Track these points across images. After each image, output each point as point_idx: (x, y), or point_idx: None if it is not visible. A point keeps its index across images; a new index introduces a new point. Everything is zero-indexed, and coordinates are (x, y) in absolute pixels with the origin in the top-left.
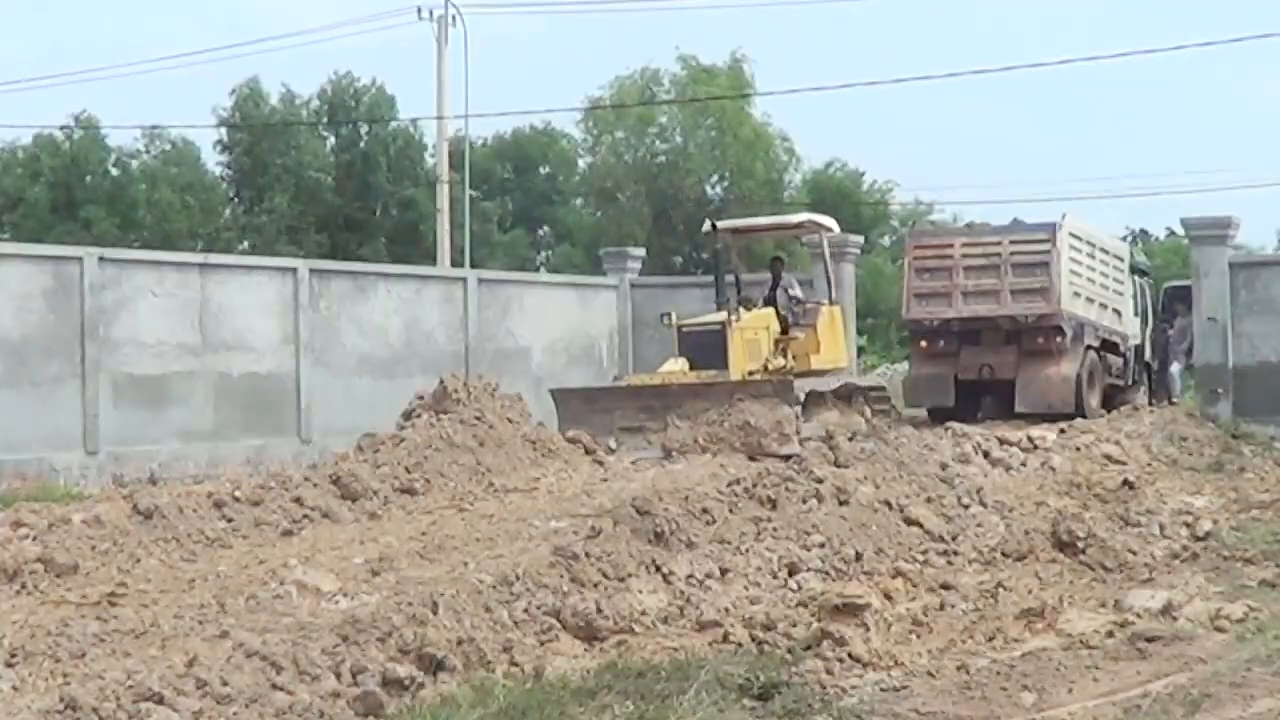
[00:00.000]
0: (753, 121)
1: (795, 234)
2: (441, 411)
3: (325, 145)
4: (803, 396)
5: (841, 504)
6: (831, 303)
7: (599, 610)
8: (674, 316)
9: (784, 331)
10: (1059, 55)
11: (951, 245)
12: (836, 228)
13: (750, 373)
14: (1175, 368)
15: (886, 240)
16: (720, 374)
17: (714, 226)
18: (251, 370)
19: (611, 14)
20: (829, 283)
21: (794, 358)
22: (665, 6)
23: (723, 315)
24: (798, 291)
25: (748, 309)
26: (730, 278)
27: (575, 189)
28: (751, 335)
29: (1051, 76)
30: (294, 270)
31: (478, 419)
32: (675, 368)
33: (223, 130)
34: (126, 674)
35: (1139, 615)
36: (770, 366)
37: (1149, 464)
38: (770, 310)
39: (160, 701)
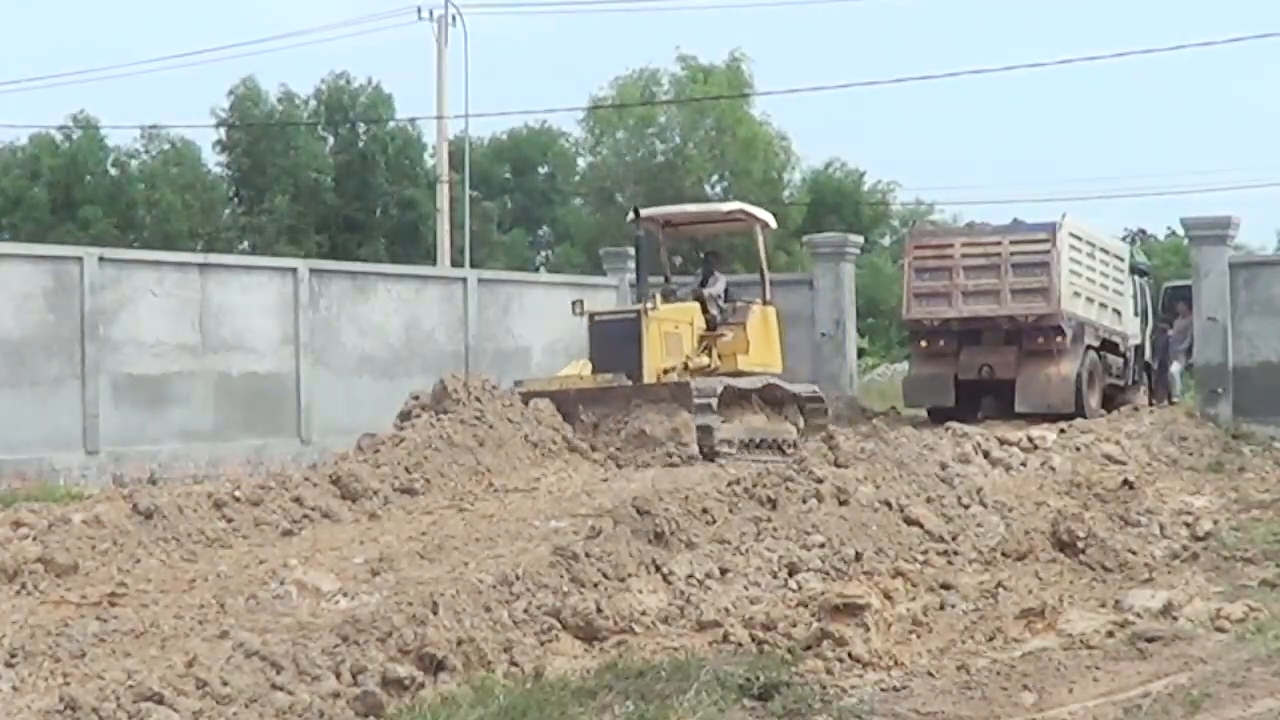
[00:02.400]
0: (751, 121)
1: (727, 226)
2: (441, 411)
3: (325, 145)
4: (718, 391)
5: (841, 504)
6: (766, 302)
7: (599, 610)
8: (585, 304)
9: (711, 328)
10: (1059, 55)
11: (951, 245)
12: (772, 221)
13: (666, 370)
14: (1175, 367)
15: (886, 240)
16: (617, 377)
17: (637, 214)
18: (251, 370)
19: (610, 14)
20: (764, 280)
21: (720, 357)
22: (664, 7)
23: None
24: (719, 288)
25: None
26: (668, 271)
27: (575, 189)
28: (671, 328)
29: (1051, 76)
30: (294, 270)
31: (478, 419)
32: (575, 370)
33: (221, 130)
34: (126, 674)
35: (1139, 615)
36: (691, 365)
37: (1149, 464)
38: (695, 304)
39: (160, 701)
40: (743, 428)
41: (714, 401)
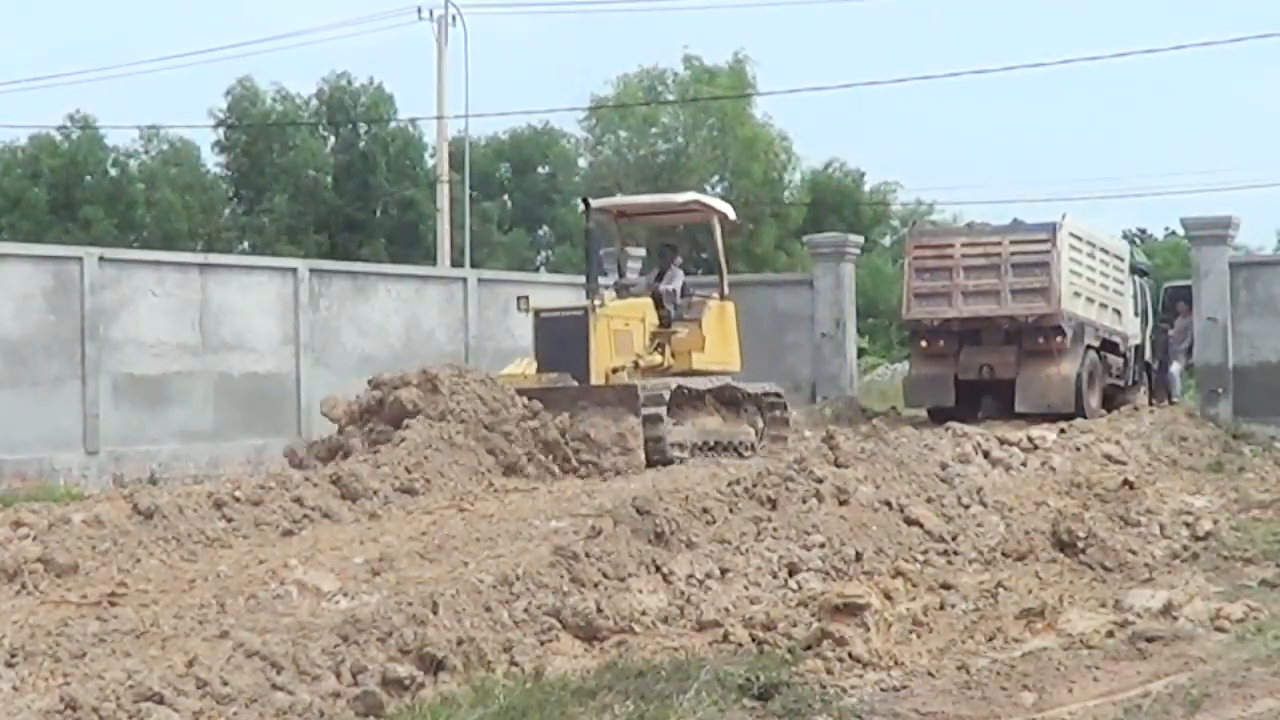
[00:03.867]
0: (753, 122)
1: (684, 217)
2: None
3: (325, 145)
4: (668, 393)
5: (842, 504)
6: (724, 297)
7: (599, 610)
8: (530, 301)
9: (664, 325)
10: (1060, 55)
11: (952, 245)
12: (730, 212)
13: (615, 370)
14: (1175, 367)
15: (887, 240)
16: (561, 378)
17: (586, 205)
18: (252, 370)
19: (611, 14)
20: (722, 274)
21: (674, 355)
22: (665, 7)
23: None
24: (677, 283)
25: (622, 298)
26: (621, 265)
27: (576, 189)
28: (621, 325)
29: (1052, 76)
30: (294, 270)
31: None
32: (519, 369)
33: (220, 130)
34: (126, 674)
35: (1139, 615)
36: (643, 364)
37: (1149, 464)
38: (647, 299)
39: (160, 701)
40: (696, 430)
41: (663, 405)
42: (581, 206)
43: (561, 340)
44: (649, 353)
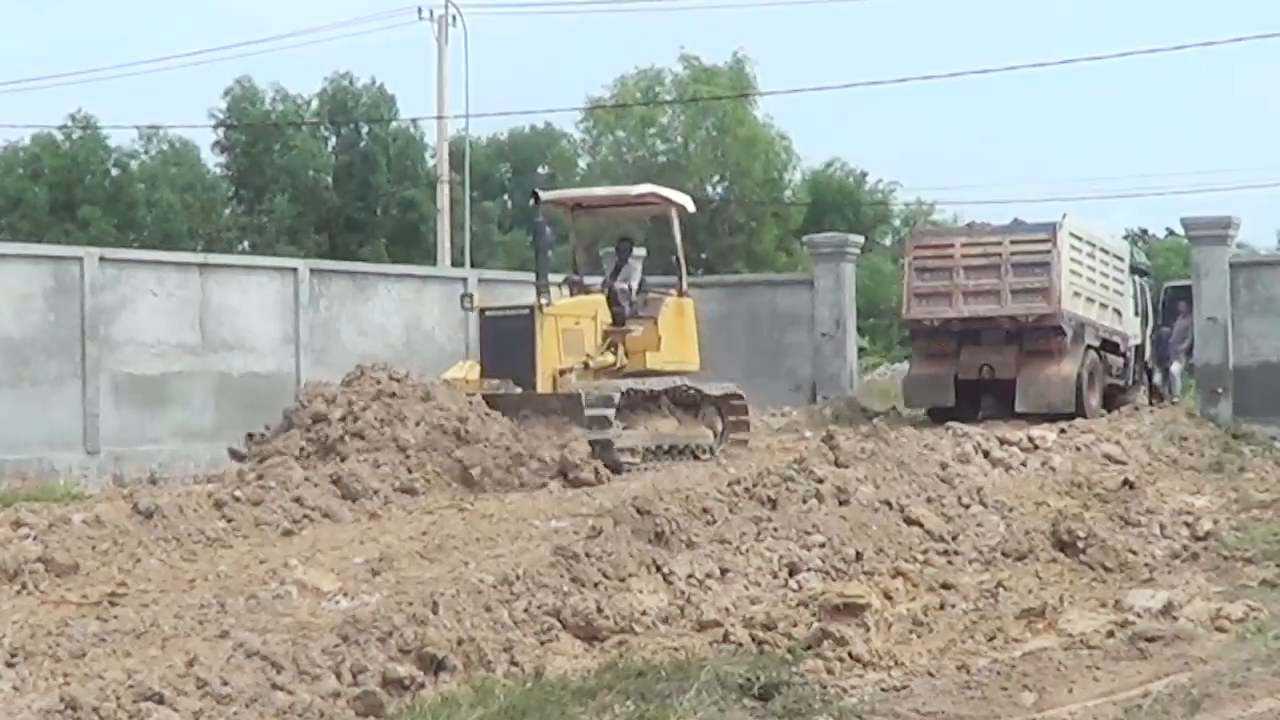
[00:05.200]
0: (753, 122)
1: (641, 210)
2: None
3: (326, 145)
4: (616, 398)
5: (842, 504)
6: (682, 293)
7: (599, 610)
8: (475, 299)
9: (618, 323)
10: (1061, 55)
11: (952, 245)
12: (690, 204)
13: (564, 371)
14: (1175, 367)
15: (887, 240)
16: (504, 383)
17: (535, 197)
18: (252, 370)
19: (611, 14)
20: (680, 269)
21: (628, 355)
22: (666, 7)
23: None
24: (634, 280)
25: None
26: (577, 260)
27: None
28: (571, 324)
29: (1053, 76)
30: (294, 270)
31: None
32: (460, 372)
33: (219, 130)
34: (127, 674)
35: (1139, 615)
36: (594, 364)
37: (1149, 464)
38: (599, 297)
39: (160, 701)
40: (649, 435)
41: (610, 411)
42: (531, 199)
43: (506, 341)
44: (600, 352)
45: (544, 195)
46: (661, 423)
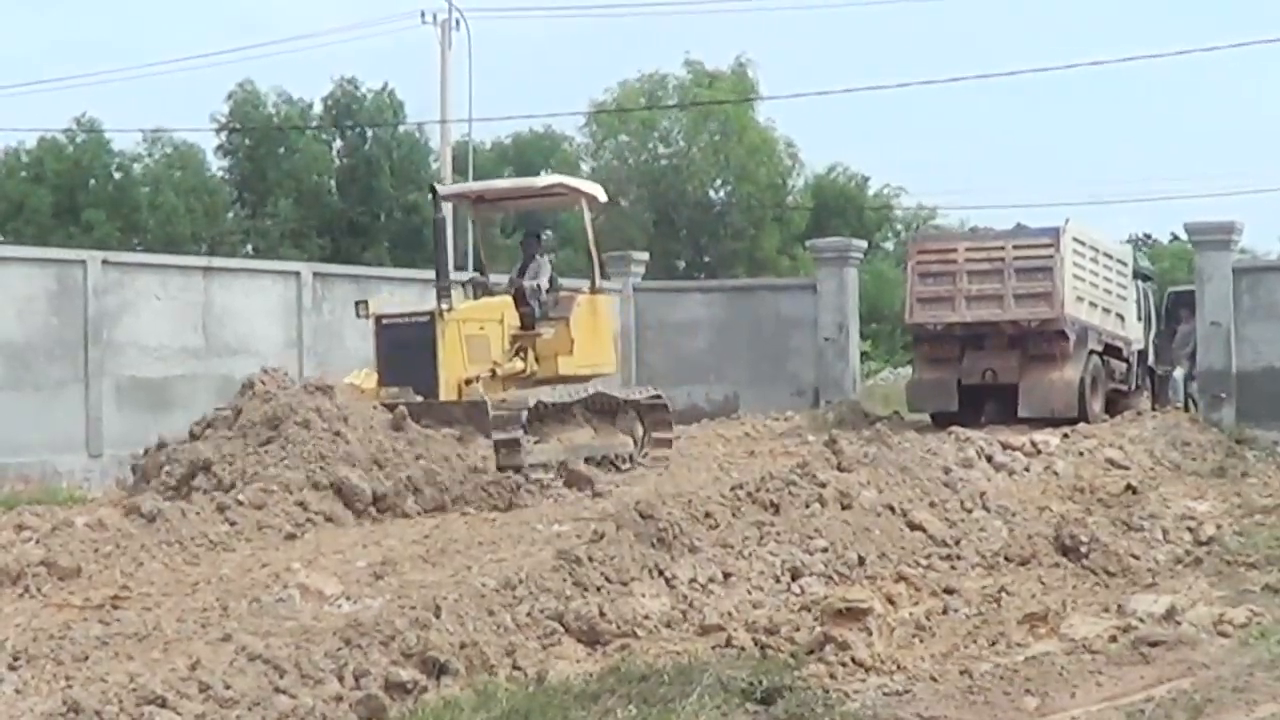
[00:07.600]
0: (756, 126)
1: (548, 201)
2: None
3: (330, 149)
4: (524, 411)
5: (844, 508)
6: (595, 290)
7: (602, 614)
8: (370, 306)
9: (527, 326)
10: (1064, 60)
11: (955, 250)
12: (601, 194)
13: (469, 381)
14: (1178, 372)
15: (890, 245)
16: (404, 393)
17: (434, 191)
18: (255, 373)
19: (614, 18)
20: (593, 264)
21: (538, 360)
22: (669, 11)
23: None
24: (544, 278)
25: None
26: (483, 258)
27: None
28: (475, 330)
29: (1056, 81)
30: (297, 274)
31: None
32: (356, 381)
33: (223, 134)
34: (129, 677)
35: (1142, 620)
36: (501, 372)
37: (1152, 469)
38: (506, 299)
39: (163, 705)
40: (562, 447)
41: (519, 434)
42: (429, 194)
43: (405, 349)
44: (508, 359)
45: (443, 189)
46: (576, 433)
